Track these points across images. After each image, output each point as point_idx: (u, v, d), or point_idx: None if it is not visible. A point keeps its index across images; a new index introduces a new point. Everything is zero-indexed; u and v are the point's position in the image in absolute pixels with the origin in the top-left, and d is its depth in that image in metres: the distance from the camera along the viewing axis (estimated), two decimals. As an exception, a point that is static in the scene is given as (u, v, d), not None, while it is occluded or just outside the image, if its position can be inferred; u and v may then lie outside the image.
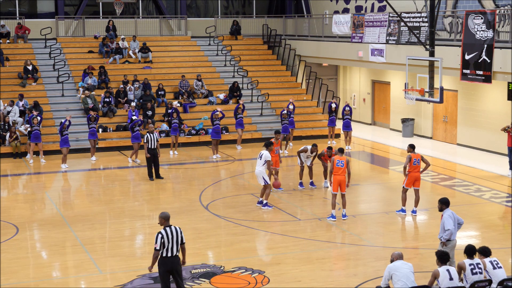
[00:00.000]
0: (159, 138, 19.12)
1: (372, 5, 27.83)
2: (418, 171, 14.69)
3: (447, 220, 10.49)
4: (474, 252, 9.27)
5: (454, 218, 10.61)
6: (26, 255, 12.75)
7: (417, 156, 14.65)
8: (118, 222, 14.84)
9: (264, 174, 15.49)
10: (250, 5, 33.85)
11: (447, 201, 10.82)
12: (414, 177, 14.67)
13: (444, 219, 10.57)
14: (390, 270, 9.10)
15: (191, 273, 11.30)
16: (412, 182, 14.72)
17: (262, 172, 15.47)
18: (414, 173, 14.66)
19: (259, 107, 26.55)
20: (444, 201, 10.83)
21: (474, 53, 19.52)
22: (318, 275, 11.25)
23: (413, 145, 14.98)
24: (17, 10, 30.05)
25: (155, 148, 18.49)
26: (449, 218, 10.51)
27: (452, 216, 10.61)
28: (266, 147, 15.88)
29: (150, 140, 18.43)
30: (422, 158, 14.71)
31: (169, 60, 28.67)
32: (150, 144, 18.43)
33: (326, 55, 27.96)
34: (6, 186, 18.78)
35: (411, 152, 14.76)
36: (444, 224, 10.49)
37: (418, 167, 14.70)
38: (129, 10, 31.88)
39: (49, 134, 23.18)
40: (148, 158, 18.54)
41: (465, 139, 23.39)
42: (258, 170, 15.52)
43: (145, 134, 18.64)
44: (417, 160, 14.63)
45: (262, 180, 15.48)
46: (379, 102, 28.62)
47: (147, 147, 18.43)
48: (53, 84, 25.92)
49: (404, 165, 14.84)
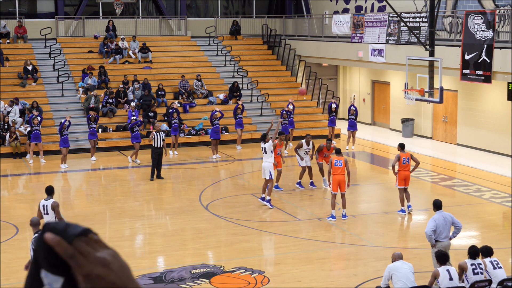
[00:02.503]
0: (165, 138, 19.07)
1: (372, 5, 27.83)
2: (408, 170, 14.70)
3: (428, 223, 10.34)
4: (477, 254, 9.27)
5: (444, 221, 10.31)
6: (26, 255, 12.72)
7: (406, 155, 14.66)
8: (118, 222, 14.84)
9: (271, 168, 15.41)
10: (250, 5, 33.85)
11: (436, 203, 10.58)
12: (404, 175, 14.66)
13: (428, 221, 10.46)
14: (390, 270, 9.10)
15: (191, 273, 11.29)
16: (403, 180, 14.71)
17: (270, 166, 15.41)
18: (403, 172, 14.66)
19: (259, 107, 26.55)
20: (433, 203, 10.64)
21: (474, 53, 19.51)
22: (318, 275, 11.25)
23: (402, 144, 15.00)
24: (17, 10, 30.05)
25: (162, 147, 18.48)
26: (431, 221, 10.28)
27: (441, 218, 10.31)
28: (263, 140, 15.78)
29: (156, 139, 18.43)
30: (412, 157, 14.71)
31: (169, 60, 28.66)
32: (156, 143, 18.41)
33: (326, 55, 27.96)
34: (6, 186, 18.77)
35: (400, 151, 14.78)
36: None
37: (408, 166, 14.70)
38: (129, 10, 31.87)
39: (49, 134, 23.16)
40: (153, 158, 18.49)
41: (465, 139, 23.39)
42: (266, 163, 15.43)
43: (152, 133, 18.64)
44: (406, 159, 14.63)
45: (268, 174, 15.37)
46: (379, 102, 28.62)
47: (153, 146, 18.41)
48: (53, 84, 25.92)
49: (392, 163, 14.90)
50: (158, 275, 11.27)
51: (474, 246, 9.37)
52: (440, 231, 10.37)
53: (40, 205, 11.42)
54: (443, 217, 10.44)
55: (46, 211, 11.33)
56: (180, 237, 13.78)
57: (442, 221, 10.37)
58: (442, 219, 10.40)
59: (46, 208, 11.36)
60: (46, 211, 11.33)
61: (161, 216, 15.56)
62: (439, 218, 10.40)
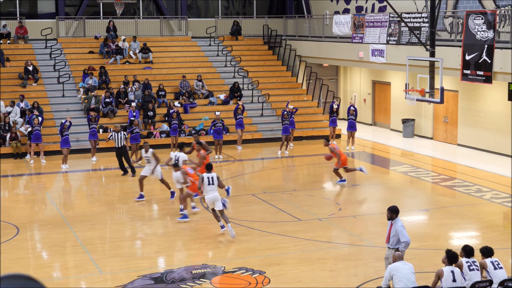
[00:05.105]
0: (125, 137, 19.81)
1: (373, 6, 27.83)
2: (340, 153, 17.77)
3: (402, 231, 9.86)
4: (472, 253, 9.35)
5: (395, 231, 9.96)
6: (27, 255, 12.75)
7: (334, 145, 17.96)
8: (119, 222, 14.84)
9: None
10: (250, 6, 33.86)
11: (396, 210, 10.09)
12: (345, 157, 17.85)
13: (397, 230, 9.88)
14: (390, 271, 9.11)
15: (191, 274, 11.29)
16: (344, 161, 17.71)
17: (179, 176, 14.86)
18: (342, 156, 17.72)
19: (259, 107, 26.55)
20: (393, 209, 10.05)
21: (475, 54, 19.51)
22: (318, 276, 11.24)
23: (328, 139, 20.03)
24: (17, 11, 30.05)
25: (123, 146, 19.44)
26: (403, 228, 9.92)
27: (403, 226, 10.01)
28: (180, 148, 15.80)
29: (116, 139, 19.40)
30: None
31: (170, 60, 28.67)
32: (116, 143, 19.41)
33: (327, 55, 27.96)
34: (6, 187, 18.77)
35: (327, 145, 18.09)
36: (400, 235, 9.84)
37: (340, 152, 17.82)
38: (130, 11, 31.88)
39: (50, 134, 23.17)
40: (117, 157, 19.58)
41: (466, 140, 23.38)
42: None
43: (111, 133, 19.72)
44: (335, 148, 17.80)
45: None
46: (380, 102, 28.62)
47: (115, 147, 19.51)
48: (54, 85, 25.93)
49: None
50: (158, 275, 11.27)
51: (467, 245, 9.46)
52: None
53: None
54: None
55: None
56: (181, 238, 13.78)
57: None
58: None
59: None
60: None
61: (161, 216, 15.55)
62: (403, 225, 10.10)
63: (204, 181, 13.20)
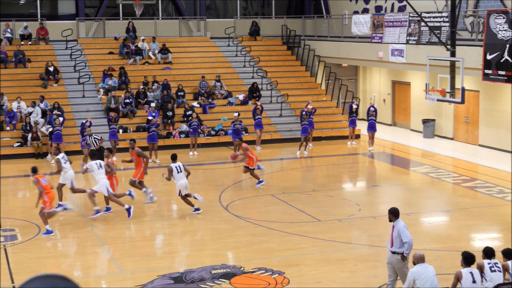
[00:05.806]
0: (99, 139, 20.09)
1: (392, 5, 27.66)
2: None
3: (404, 231, 9.61)
4: (493, 254, 9.28)
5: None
6: (48, 254, 12.85)
7: (247, 145, 18.34)
8: (139, 222, 14.90)
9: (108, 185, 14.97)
10: (269, 6, 33.84)
11: (396, 211, 9.83)
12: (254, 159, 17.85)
13: (399, 230, 9.63)
14: (414, 275, 9.04)
15: (211, 274, 11.30)
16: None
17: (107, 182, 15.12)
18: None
19: (278, 107, 26.52)
20: (393, 211, 9.78)
21: (496, 53, 19.30)
22: (338, 276, 11.19)
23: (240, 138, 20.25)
24: (38, 12, 30.34)
25: (99, 148, 19.62)
26: (405, 228, 9.69)
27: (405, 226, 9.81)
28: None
29: (91, 142, 19.80)
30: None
31: (189, 61, 28.75)
32: (92, 146, 19.76)
33: (346, 55, 27.85)
34: (27, 186, 18.95)
35: (241, 144, 18.66)
36: (402, 236, 9.59)
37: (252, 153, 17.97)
38: (149, 12, 32.04)
39: (70, 134, 23.36)
40: (99, 158, 19.83)
41: (487, 140, 23.14)
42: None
43: (84, 137, 20.23)
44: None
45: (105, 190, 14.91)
46: (399, 102, 28.43)
47: (91, 150, 19.80)
48: (74, 85, 26.13)
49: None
50: (178, 275, 11.29)
51: (488, 247, 9.44)
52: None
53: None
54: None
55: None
56: (200, 238, 13.80)
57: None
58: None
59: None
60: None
61: (180, 216, 15.58)
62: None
63: (173, 170, 14.88)
